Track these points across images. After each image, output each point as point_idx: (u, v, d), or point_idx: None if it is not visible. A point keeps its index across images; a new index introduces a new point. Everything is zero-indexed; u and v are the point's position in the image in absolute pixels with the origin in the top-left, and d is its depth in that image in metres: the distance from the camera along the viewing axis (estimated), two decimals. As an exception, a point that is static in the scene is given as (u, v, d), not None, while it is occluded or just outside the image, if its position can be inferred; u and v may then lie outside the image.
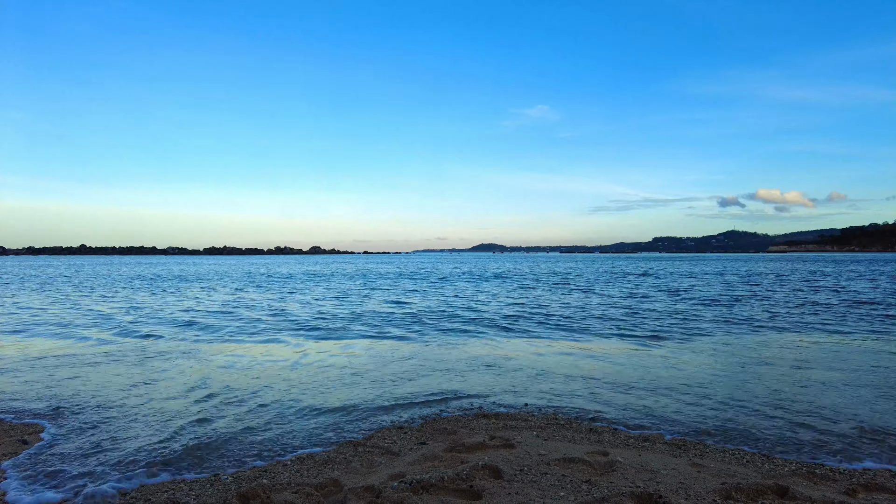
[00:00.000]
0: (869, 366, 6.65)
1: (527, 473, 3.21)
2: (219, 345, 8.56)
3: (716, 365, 6.81)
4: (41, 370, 6.61)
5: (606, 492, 2.91)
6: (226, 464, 3.58)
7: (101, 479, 3.27)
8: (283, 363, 7.07)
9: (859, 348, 7.91)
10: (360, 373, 6.48)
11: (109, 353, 7.78)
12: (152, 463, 3.55)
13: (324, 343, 8.75)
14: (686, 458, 3.65)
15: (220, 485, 3.22)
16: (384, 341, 8.92)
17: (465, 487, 2.96)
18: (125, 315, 12.64)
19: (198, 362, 7.09)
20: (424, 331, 10.10)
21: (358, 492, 2.90)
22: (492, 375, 6.34)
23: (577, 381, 5.98)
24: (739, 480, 3.13)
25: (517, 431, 4.23)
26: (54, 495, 3.05)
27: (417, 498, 2.82)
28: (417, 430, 4.33)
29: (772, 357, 7.32)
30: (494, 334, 9.65)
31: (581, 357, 7.43)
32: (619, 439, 4.09)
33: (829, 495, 2.91)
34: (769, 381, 5.88)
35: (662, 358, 7.32)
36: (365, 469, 3.48)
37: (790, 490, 2.93)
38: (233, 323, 11.24)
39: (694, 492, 2.94)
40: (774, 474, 3.38)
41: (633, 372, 6.45)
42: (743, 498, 2.89)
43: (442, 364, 7.00)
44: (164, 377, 6.21)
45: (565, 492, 2.95)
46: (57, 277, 31.81)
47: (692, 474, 3.27)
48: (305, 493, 2.97)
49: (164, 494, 3.07)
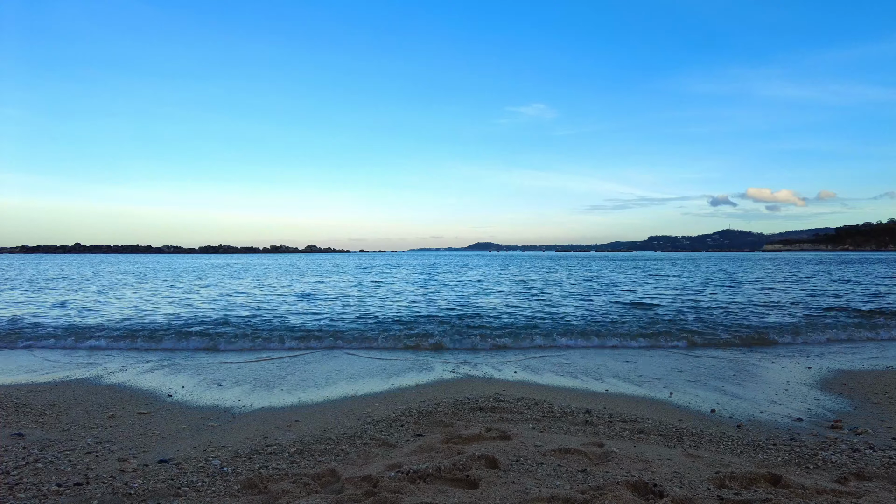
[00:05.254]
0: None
1: (523, 463, 3.24)
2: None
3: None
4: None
5: (602, 481, 2.94)
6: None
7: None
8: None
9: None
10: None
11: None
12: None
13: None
14: (680, 449, 3.69)
15: (220, 475, 3.22)
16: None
17: (461, 477, 2.98)
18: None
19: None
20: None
21: (355, 481, 2.92)
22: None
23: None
24: (733, 469, 3.16)
25: (513, 423, 4.26)
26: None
27: (414, 487, 2.84)
28: (414, 423, 4.35)
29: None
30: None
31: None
32: (614, 431, 4.13)
33: (821, 483, 2.95)
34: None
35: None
36: (362, 460, 3.49)
37: (783, 478, 2.97)
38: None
39: (688, 480, 2.97)
40: (768, 463, 3.42)
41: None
42: (736, 486, 2.92)
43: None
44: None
45: (561, 481, 2.97)
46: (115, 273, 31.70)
47: (686, 464, 3.30)
48: (303, 483, 2.99)
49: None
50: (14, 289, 20.13)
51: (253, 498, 2.85)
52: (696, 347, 8.47)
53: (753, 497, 2.70)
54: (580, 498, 2.66)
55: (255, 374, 6.54)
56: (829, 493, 2.76)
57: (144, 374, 6.45)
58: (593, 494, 2.71)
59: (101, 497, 2.87)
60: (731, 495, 2.74)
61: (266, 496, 2.86)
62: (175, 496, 2.89)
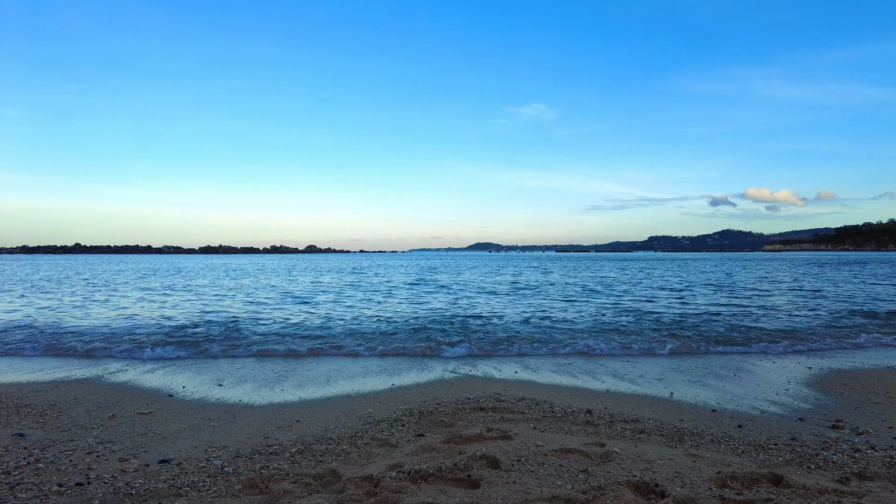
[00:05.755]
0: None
1: (524, 463, 3.23)
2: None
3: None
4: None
5: (603, 480, 2.94)
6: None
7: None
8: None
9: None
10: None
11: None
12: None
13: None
14: (682, 449, 3.69)
15: (221, 475, 3.22)
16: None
17: (463, 477, 2.98)
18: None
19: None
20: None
21: (356, 481, 2.92)
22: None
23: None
24: (735, 469, 3.16)
25: (514, 424, 4.25)
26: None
27: (416, 487, 2.84)
28: (415, 423, 4.35)
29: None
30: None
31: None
32: (615, 431, 4.12)
33: (823, 483, 2.95)
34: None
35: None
36: (363, 460, 3.49)
37: (784, 478, 2.97)
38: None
39: (690, 480, 2.97)
40: (769, 463, 3.42)
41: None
42: (738, 486, 2.92)
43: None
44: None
45: (562, 481, 2.97)
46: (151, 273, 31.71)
47: (688, 464, 3.30)
48: (304, 483, 2.98)
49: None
50: (17, 292, 20.14)
51: (254, 498, 2.85)
52: (695, 348, 8.46)
53: (755, 497, 2.69)
54: (581, 498, 2.66)
55: (255, 374, 6.54)
56: (830, 493, 2.75)
57: (145, 375, 6.45)
58: (595, 494, 2.71)
59: (103, 497, 2.87)
60: (732, 495, 2.73)
61: (267, 496, 2.86)
62: (176, 496, 2.89)
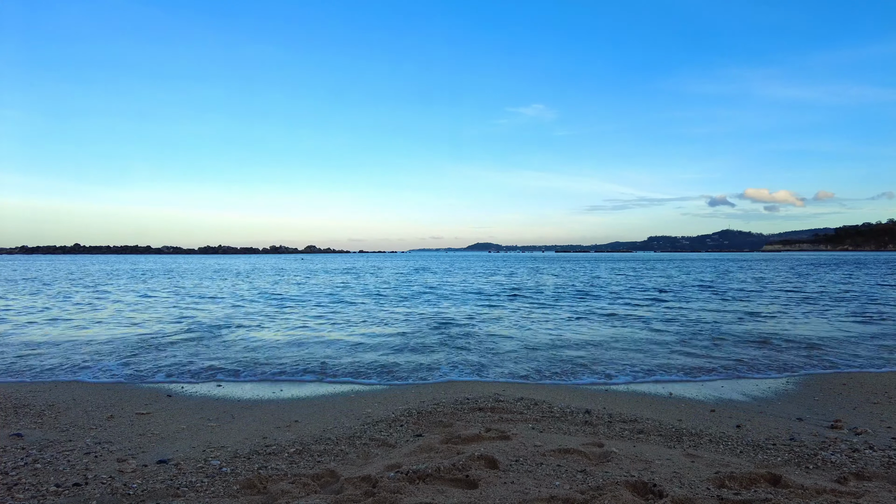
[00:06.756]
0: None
1: (522, 464, 3.23)
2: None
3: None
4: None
5: (601, 480, 2.93)
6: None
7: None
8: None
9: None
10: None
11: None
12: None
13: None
14: (680, 449, 3.68)
15: (219, 475, 3.22)
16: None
17: (461, 477, 2.98)
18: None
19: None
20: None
21: (354, 481, 2.91)
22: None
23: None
24: (733, 469, 3.16)
25: (513, 424, 4.25)
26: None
27: (414, 487, 2.84)
28: (413, 423, 4.34)
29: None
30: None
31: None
32: (613, 431, 4.12)
33: (821, 483, 2.94)
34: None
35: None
36: (361, 460, 3.49)
37: (783, 478, 2.96)
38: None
39: (688, 480, 2.97)
40: (767, 463, 3.42)
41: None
42: (736, 486, 2.92)
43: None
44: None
45: (561, 481, 2.97)
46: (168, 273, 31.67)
47: (686, 464, 3.29)
48: (302, 483, 2.98)
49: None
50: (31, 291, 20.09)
51: (252, 498, 2.85)
52: (695, 347, 8.46)
53: (753, 497, 2.69)
54: (580, 498, 2.66)
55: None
56: (828, 493, 2.75)
57: (144, 375, 6.44)
58: (593, 494, 2.71)
59: (100, 497, 2.87)
60: (730, 495, 2.73)
61: (265, 496, 2.86)
62: (174, 496, 2.88)
